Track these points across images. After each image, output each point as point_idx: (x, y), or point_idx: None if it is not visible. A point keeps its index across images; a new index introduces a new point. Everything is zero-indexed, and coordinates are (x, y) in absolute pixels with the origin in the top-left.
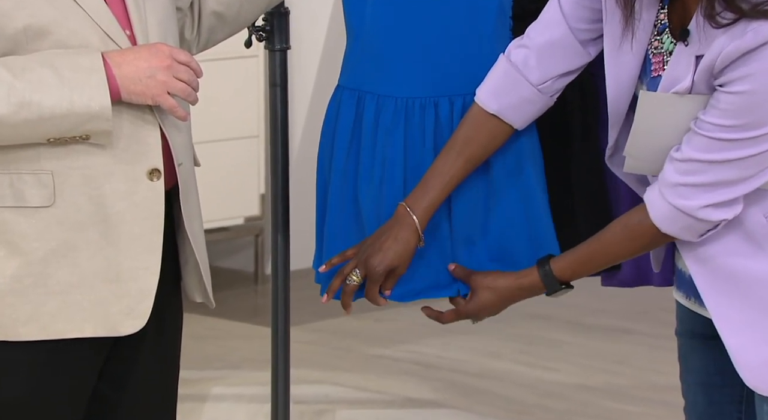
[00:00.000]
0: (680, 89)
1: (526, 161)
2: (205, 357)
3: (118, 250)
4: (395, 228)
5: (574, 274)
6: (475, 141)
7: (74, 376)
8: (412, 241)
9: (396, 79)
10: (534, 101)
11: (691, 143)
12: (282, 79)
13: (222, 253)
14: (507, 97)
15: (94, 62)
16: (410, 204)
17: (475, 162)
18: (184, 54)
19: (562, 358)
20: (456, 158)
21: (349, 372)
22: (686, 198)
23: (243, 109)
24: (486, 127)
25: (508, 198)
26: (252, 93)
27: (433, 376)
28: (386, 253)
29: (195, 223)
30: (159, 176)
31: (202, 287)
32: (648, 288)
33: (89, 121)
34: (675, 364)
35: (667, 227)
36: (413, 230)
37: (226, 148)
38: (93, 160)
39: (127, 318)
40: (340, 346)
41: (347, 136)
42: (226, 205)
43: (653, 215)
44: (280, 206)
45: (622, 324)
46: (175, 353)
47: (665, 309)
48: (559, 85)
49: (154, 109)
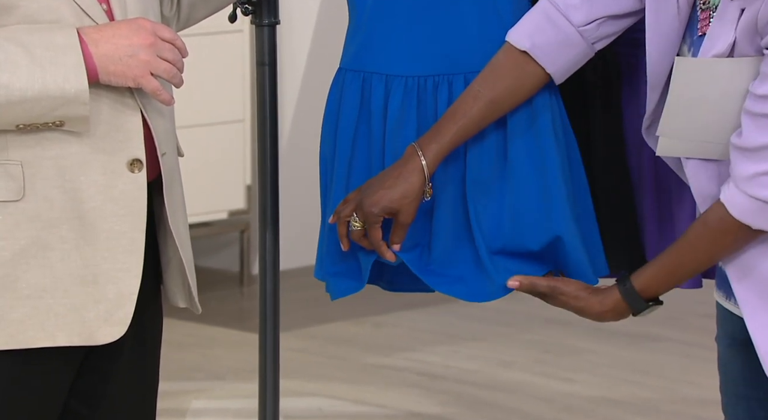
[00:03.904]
0: (720, 49)
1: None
2: (185, 367)
3: (95, 250)
4: (399, 168)
5: (660, 288)
6: (499, 82)
7: (44, 390)
8: (417, 184)
9: (406, 57)
10: (573, 45)
11: (754, 126)
12: (270, 57)
13: (203, 251)
14: (543, 35)
15: (69, 39)
16: (421, 144)
17: (498, 107)
18: (168, 31)
19: (583, 367)
20: (475, 100)
21: (345, 383)
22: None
23: (226, 90)
24: (514, 67)
25: (527, 178)
26: (236, 73)
27: (439, 387)
28: (384, 192)
29: (179, 220)
30: (141, 167)
31: (187, 291)
32: (677, 291)
33: (64, 106)
34: (709, 375)
35: (758, 223)
36: (419, 172)
37: (207, 134)
38: (67, 150)
39: (105, 325)
40: (336, 354)
41: (352, 122)
42: (208, 197)
43: (736, 214)
44: (268, 199)
45: (650, 330)
46: (154, 364)
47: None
48: (604, 32)
49: (135, 93)
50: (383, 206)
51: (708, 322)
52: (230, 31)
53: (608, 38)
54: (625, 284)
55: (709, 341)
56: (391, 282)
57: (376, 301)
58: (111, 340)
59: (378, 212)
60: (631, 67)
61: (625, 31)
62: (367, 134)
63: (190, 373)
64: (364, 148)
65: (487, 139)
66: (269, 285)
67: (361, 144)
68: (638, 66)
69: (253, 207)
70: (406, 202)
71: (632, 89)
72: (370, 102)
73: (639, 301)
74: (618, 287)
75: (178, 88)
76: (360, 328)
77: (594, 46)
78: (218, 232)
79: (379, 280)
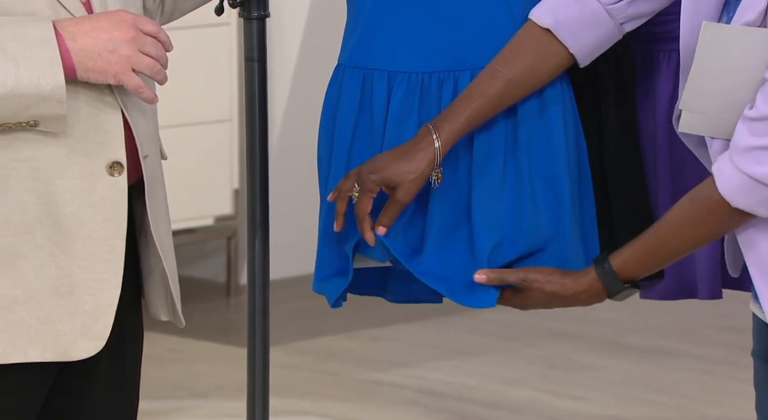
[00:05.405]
0: (751, 17)
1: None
2: (167, 384)
3: (71, 258)
4: (411, 145)
5: (638, 268)
6: (519, 61)
7: (14, 409)
8: (424, 163)
9: (409, 52)
10: (600, 24)
11: (762, 96)
12: (260, 52)
13: (188, 259)
14: (567, 12)
15: (45, 33)
16: (435, 124)
17: (517, 88)
18: (151, 23)
19: (593, 385)
20: (492, 79)
21: (339, 401)
22: (763, 163)
23: (213, 88)
24: (535, 46)
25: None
26: (223, 69)
27: (440, 405)
28: (388, 162)
29: (162, 227)
30: (121, 171)
31: (169, 302)
32: (695, 302)
33: (39, 104)
34: (731, 393)
35: (739, 201)
36: (430, 151)
37: (192, 134)
38: (42, 151)
39: (82, 339)
40: (329, 370)
41: (351, 121)
42: (193, 202)
43: (722, 188)
44: (257, 203)
45: (665, 344)
46: (134, 381)
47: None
48: (634, 11)
49: (116, 90)
50: (383, 176)
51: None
52: (217, 24)
53: (638, 20)
54: (602, 263)
55: (731, 356)
56: (397, 292)
57: (372, 313)
58: (87, 355)
59: (375, 179)
60: (646, 63)
61: (641, 26)
62: (367, 133)
63: (172, 391)
64: (364, 149)
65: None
66: (258, 296)
67: (361, 144)
68: (653, 62)
69: (240, 212)
70: (409, 178)
71: (647, 86)
72: (371, 100)
73: (615, 282)
74: (595, 267)
75: (161, 86)
76: (355, 342)
77: (622, 28)
78: (203, 239)
79: (383, 290)
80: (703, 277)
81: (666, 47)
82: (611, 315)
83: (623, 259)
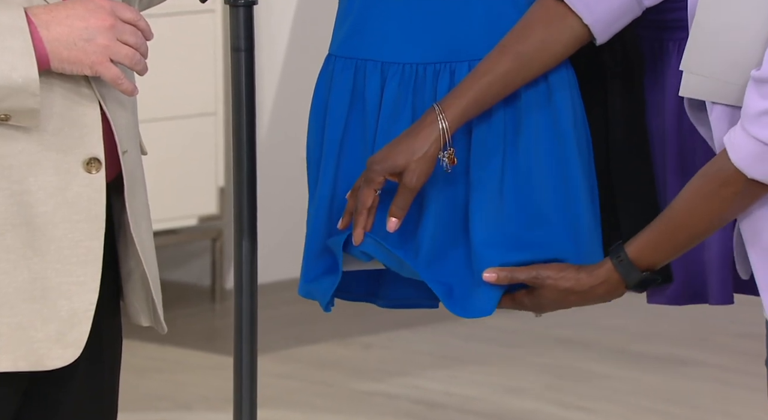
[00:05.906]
0: None
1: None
2: (148, 395)
3: (45, 261)
4: (413, 125)
5: (655, 254)
6: (530, 34)
7: None
8: (428, 140)
9: (403, 41)
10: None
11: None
12: (247, 42)
13: (170, 262)
14: None
15: (16, 21)
16: (441, 103)
17: (527, 63)
18: (130, 10)
19: (601, 395)
20: (501, 54)
21: (331, 413)
22: None
23: (196, 79)
24: (547, 19)
25: None
26: (208, 59)
27: (438, 417)
28: (392, 148)
29: (142, 227)
30: (99, 167)
31: (150, 307)
32: (710, 308)
33: (10, 97)
34: (748, 404)
35: (755, 170)
36: (435, 129)
37: (174, 128)
38: (14, 147)
39: (56, 347)
40: (321, 379)
41: (342, 114)
42: (176, 201)
43: (735, 157)
44: (244, 202)
45: (678, 352)
46: (112, 391)
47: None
48: None
49: (93, 82)
50: (387, 162)
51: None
52: (201, 11)
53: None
54: (617, 253)
55: (747, 365)
56: (390, 297)
57: (366, 319)
58: (63, 364)
59: (378, 169)
60: (655, 52)
61: (649, 13)
62: (359, 128)
63: (154, 402)
64: (355, 144)
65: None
66: (245, 301)
67: (353, 138)
68: (663, 51)
69: (226, 212)
70: (414, 159)
71: (656, 76)
72: (364, 92)
73: (633, 271)
74: (611, 257)
75: (141, 76)
76: (348, 349)
77: (642, 2)
78: (187, 240)
79: (374, 295)
80: (713, 281)
81: (676, 36)
82: (620, 321)
83: (638, 246)
